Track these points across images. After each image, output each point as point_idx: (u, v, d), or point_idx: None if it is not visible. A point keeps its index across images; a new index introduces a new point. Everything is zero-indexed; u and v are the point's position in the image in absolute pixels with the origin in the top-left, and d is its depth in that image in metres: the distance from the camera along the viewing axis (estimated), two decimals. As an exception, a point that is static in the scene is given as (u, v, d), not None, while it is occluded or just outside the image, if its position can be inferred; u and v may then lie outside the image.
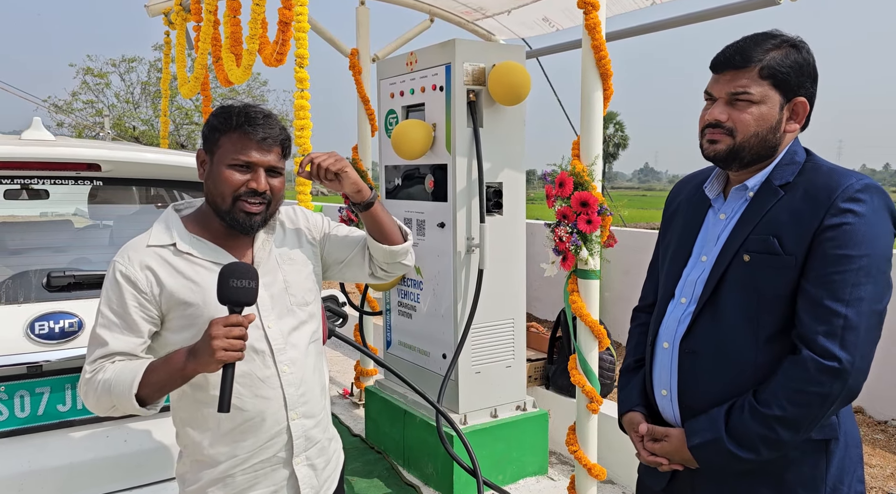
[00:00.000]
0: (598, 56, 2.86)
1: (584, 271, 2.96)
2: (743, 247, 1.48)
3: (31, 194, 2.54)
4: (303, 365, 1.70)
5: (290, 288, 1.70)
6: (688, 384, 1.54)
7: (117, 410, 1.53)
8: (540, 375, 4.20)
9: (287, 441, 1.66)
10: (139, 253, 1.59)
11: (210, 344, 1.40)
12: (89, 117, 30.45)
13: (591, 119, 2.93)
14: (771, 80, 1.46)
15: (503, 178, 3.50)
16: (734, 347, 1.48)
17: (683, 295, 1.59)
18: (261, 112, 1.60)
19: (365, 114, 4.62)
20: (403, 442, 3.78)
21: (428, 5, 4.80)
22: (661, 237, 1.79)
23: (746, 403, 1.44)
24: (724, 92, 1.49)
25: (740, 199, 1.55)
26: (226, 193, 1.58)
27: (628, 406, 1.70)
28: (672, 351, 1.58)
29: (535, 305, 7.02)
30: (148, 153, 2.44)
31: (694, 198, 1.68)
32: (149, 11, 4.34)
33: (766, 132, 1.48)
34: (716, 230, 1.57)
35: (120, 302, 1.55)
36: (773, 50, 1.46)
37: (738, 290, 1.48)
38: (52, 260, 2.34)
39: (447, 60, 3.36)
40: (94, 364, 1.54)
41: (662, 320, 1.63)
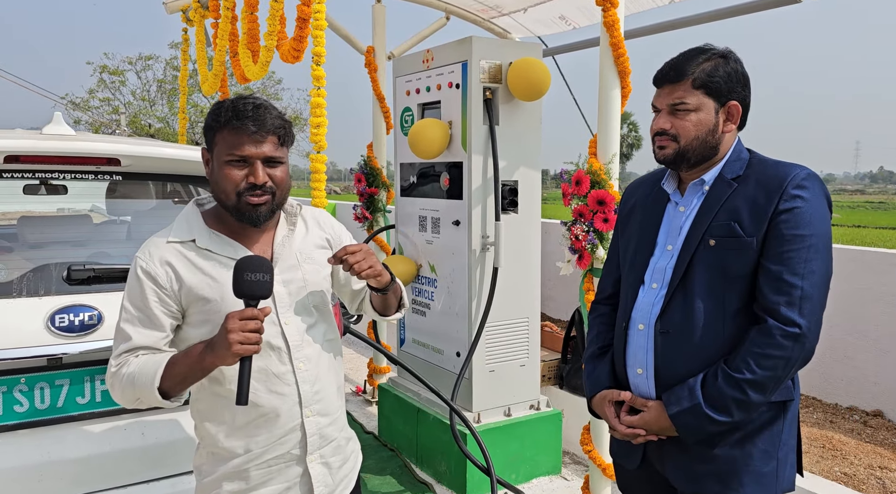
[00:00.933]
0: (617, 53, 2.85)
1: (601, 270, 2.95)
2: (707, 232, 1.65)
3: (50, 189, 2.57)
4: (318, 363, 1.70)
5: (309, 287, 1.70)
6: (664, 361, 1.69)
7: (142, 402, 1.55)
8: (554, 374, 4.19)
9: (301, 438, 1.67)
10: (160, 248, 1.60)
11: (226, 337, 1.41)
12: (106, 115, 30.73)
13: (608, 117, 2.91)
14: (704, 90, 1.65)
15: (519, 176, 3.49)
16: (704, 323, 1.64)
17: (654, 281, 1.74)
18: (251, 103, 1.58)
19: (380, 112, 4.63)
20: (416, 440, 3.78)
21: (444, 3, 4.80)
22: (617, 235, 1.95)
23: (720, 370, 1.60)
24: (665, 103, 1.69)
25: (697, 193, 1.72)
26: (228, 190, 1.58)
27: (599, 387, 1.83)
28: (647, 331, 1.72)
29: (549, 304, 6.99)
30: (166, 148, 2.46)
31: (650, 197, 1.84)
32: (167, 8, 4.36)
33: (706, 135, 1.67)
34: (677, 221, 1.74)
35: (141, 297, 1.56)
36: (703, 63, 1.66)
37: (705, 272, 1.64)
38: (71, 254, 2.36)
39: (464, 58, 3.36)
40: (118, 358, 1.56)
41: (634, 305, 1.76)
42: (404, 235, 3.96)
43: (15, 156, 2.12)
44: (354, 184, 4.73)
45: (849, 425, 4.65)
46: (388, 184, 4.60)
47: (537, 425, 3.60)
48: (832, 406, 5.00)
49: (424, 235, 3.78)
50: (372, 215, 4.69)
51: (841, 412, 4.88)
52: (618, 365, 1.81)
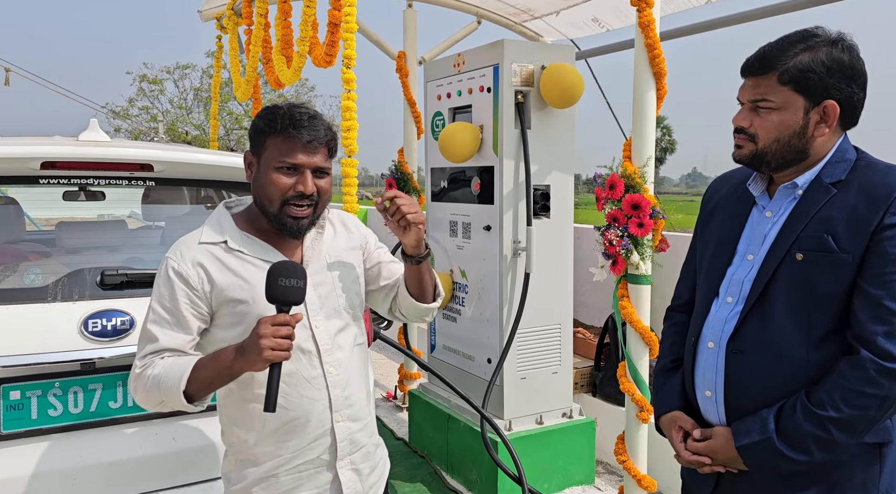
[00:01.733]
0: (652, 54, 2.79)
1: (635, 276, 2.88)
2: (794, 245, 1.45)
3: (89, 196, 2.61)
4: (348, 367, 1.68)
5: (339, 290, 1.69)
6: (735, 384, 1.51)
7: (166, 405, 1.53)
8: (587, 382, 4.11)
9: (331, 443, 1.65)
10: (191, 249, 1.60)
11: (258, 343, 1.39)
12: (145, 123, 31.45)
13: (643, 119, 2.85)
14: (792, 85, 1.44)
15: (551, 181, 3.44)
16: (785, 347, 1.45)
17: (729, 294, 1.56)
18: (306, 112, 1.58)
19: (411, 117, 4.62)
20: (447, 447, 3.74)
21: (475, 7, 4.78)
22: (697, 235, 1.76)
23: (798, 403, 1.41)
24: (746, 98, 1.51)
25: (788, 197, 1.52)
26: (273, 197, 1.58)
27: (667, 407, 1.67)
28: (718, 350, 1.54)
29: (581, 311, 6.88)
30: (199, 154, 2.47)
31: (735, 196, 1.64)
32: (202, 16, 4.42)
33: (790, 137, 1.47)
34: (762, 228, 1.54)
35: (171, 298, 1.56)
36: (800, 53, 1.43)
37: (789, 289, 1.45)
38: (106, 259, 2.39)
39: (495, 61, 3.33)
40: (143, 359, 1.55)
41: (706, 319, 1.59)
42: (435, 240, 3.94)
43: (51, 162, 2.15)
44: (385, 189, 4.72)
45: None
46: (419, 189, 4.59)
47: (570, 433, 3.54)
48: None
49: (455, 240, 3.75)
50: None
51: None
52: (687, 385, 1.64)
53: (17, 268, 2.31)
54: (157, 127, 29.20)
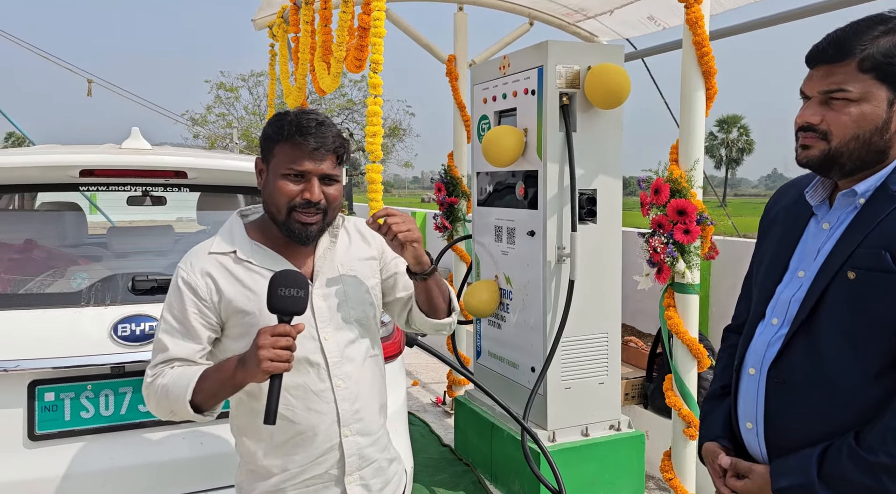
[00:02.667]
0: (701, 52, 2.66)
1: (682, 285, 2.75)
2: (848, 262, 1.27)
3: (154, 201, 2.69)
4: (358, 381, 1.64)
5: (350, 301, 1.65)
6: (776, 417, 1.36)
7: (176, 415, 1.54)
8: (638, 393, 3.96)
9: (339, 458, 1.61)
10: (201, 260, 1.59)
11: (256, 353, 1.37)
12: (221, 129, 32.72)
13: (691, 120, 2.72)
14: (874, 74, 1.24)
15: (597, 185, 3.32)
16: (833, 379, 1.28)
17: (775, 315, 1.40)
18: (314, 119, 1.56)
19: (461, 121, 4.58)
20: (491, 456, 3.68)
21: (527, 8, 4.70)
22: (756, 248, 1.60)
23: (846, 446, 1.24)
24: (816, 90, 1.30)
25: (848, 207, 1.34)
26: (280, 204, 1.56)
27: (710, 436, 1.53)
28: (759, 378, 1.39)
29: (637, 318, 6.67)
30: (234, 160, 2.50)
31: (795, 206, 1.47)
32: (255, 25, 4.52)
33: (870, 134, 1.27)
34: (817, 242, 1.37)
35: (181, 308, 1.56)
36: (880, 37, 1.24)
37: (840, 313, 1.27)
38: (144, 264, 2.45)
39: (540, 63, 3.24)
40: (154, 368, 1.56)
41: (750, 343, 1.44)
42: (481, 245, 3.88)
43: (90, 169, 2.22)
44: (435, 193, 4.70)
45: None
46: (468, 194, 4.54)
47: (617, 447, 3.40)
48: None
49: (500, 246, 3.68)
50: (452, 225, 4.64)
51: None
52: (732, 414, 1.49)
53: (65, 273, 2.39)
54: (232, 133, 30.31)
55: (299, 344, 1.49)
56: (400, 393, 2.43)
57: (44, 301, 2.08)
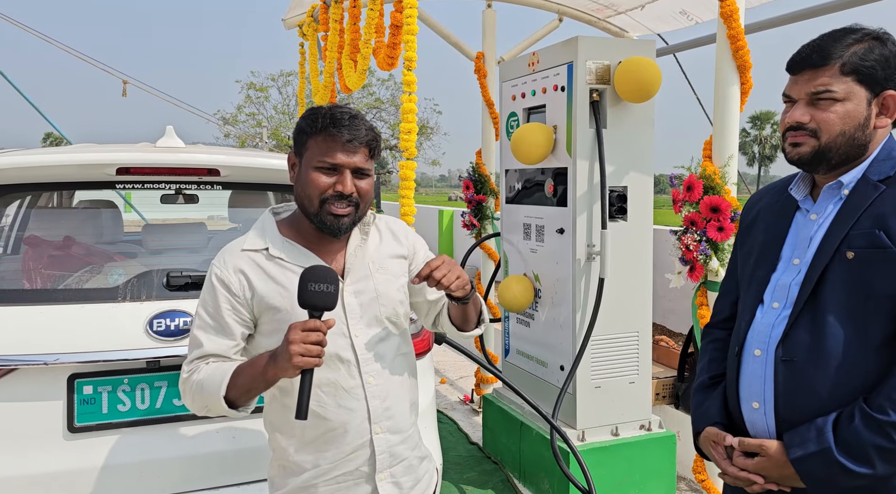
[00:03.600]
0: (735, 46, 2.62)
1: (715, 283, 2.70)
2: (844, 243, 1.39)
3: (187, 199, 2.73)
4: (389, 378, 1.65)
5: (381, 298, 1.65)
6: (786, 394, 1.43)
7: (211, 411, 1.55)
8: (669, 393, 3.91)
9: (370, 455, 1.62)
10: (234, 256, 1.61)
11: (287, 348, 1.38)
12: (251, 128, 33.14)
13: (725, 116, 2.68)
14: (854, 76, 1.40)
15: (628, 182, 3.29)
16: (840, 352, 1.38)
17: (775, 299, 1.49)
18: (347, 113, 1.57)
19: (489, 119, 4.57)
20: (520, 455, 3.66)
21: (556, 4, 4.67)
22: (737, 249, 1.71)
23: (857, 410, 1.33)
24: (803, 92, 1.44)
25: (834, 198, 1.47)
26: (313, 196, 1.56)
27: (706, 422, 1.59)
28: (766, 358, 1.47)
29: (669, 317, 6.60)
30: (267, 158, 2.53)
31: (777, 204, 1.59)
32: (285, 24, 4.56)
33: (854, 130, 1.41)
34: (807, 231, 1.48)
35: (214, 304, 1.57)
36: (854, 44, 1.40)
37: (841, 291, 1.39)
38: (178, 260, 2.49)
39: (569, 59, 3.21)
40: (190, 364, 1.58)
41: (751, 327, 1.51)
42: (510, 243, 3.87)
43: (126, 167, 2.26)
44: (463, 191, 4.70)
45: None
46: (495, 191, 4.53)
47: (648, 447, 3.36)
48: None
49: (528, 243, 3.66)
50: (480, 222, 4.63)
51: None
52: (730, 398, 1.56)
53: (102, 269, 2.44)
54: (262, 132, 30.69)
55: (330, 340, 1.50)
56: (429, 390, 2.43)
57: (82, 296, 2.12)
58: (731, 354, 1.57)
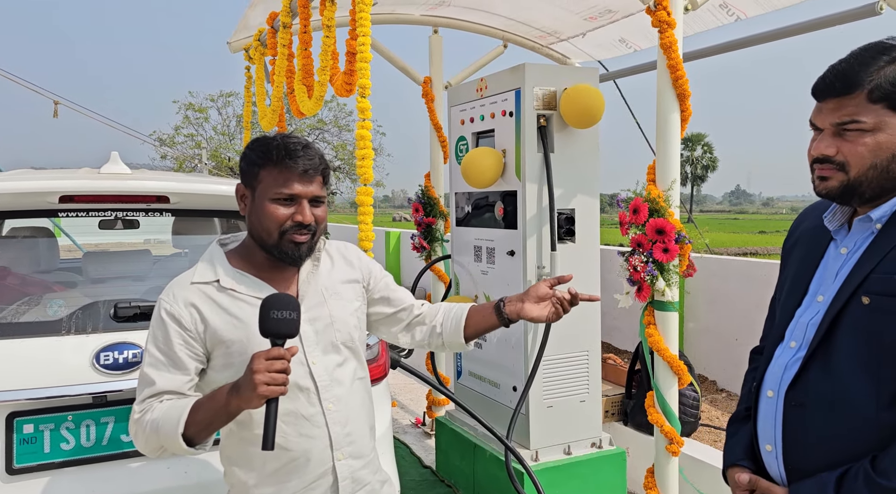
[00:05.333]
0: (675, 76, 2.72)
1: (662, 303, 2.79)
2: (862, 286, 1.28)
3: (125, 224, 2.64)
4: (348, 403, 1.64)
5: (336, 324, 1.65)
6: (794, 440, 1.36)
7: (166, 451, 1.50)
8: (617, 410, 3.99)
9: (333, 482, 1.61)
10: (184, 290, 1.58)
11: (252, 378, 1.36)
12: (189, 149, 32.38)
13: (667, 141, 2.78)
14: (885, 103, 1.26)
15: (575, 204, 3.37)
16: (850, 402, 1.28)
17: (793, 338, 1.41)
18: (299, 143, 1.57)
19: (437, 142, 4.61)
20: (474, 477, 3.66)
21: (501, 31, 4.77)
22: (781, 271, 1.60)
23: (862, 470, 1.25)
24: (828, 122, 1.32)
25: (865, 232, 1.35)
26: (272, 228, 1.56)
27: (731, 459, 1.53)
28: (777, 400, 1.40)
29: (614, 335, 6.75)
30: (216, 185, 2.49)
31: (816, 229, 1.48)
32: (231, 48, 4.51)
33: (888, 162, 1.28)
34: (835, 266, 1.38)
35: (166, 340, 1.53)
36: (885, 67, 1.26)
37: (854, 337, 1.28)
38: (125, 290, 2.41)
39: (517, 85, 3.29)
40: (142, 404, 1.53)
41: (769, 366, 1.45)
42: (460, 265, 3.90)
43: (70, 195, 2.19)
44: (412, 213, 4.71)
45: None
46: (445, 214, 4.56)
47: (599, 464, 3.42)
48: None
49: (479, 265, 3.70)
50: (430, 245, 4.65)
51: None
52: (753, 435, 1.49)
53: (41, 300, 2.34)
54: (202, 153, 30.03)
55: None
56: (386, 415, 2.42)
57: (22, 330, 2.03)
58: (752, 390, 1.50)
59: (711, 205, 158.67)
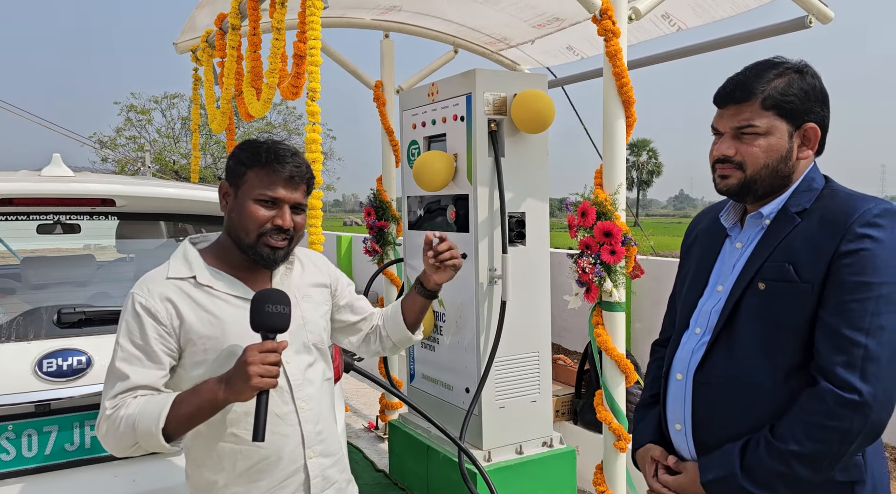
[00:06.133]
0: (620, 83, 2.81)
1: (609, 303, 2.86)
2: (758, 275, 1.44)
3: (65, 229, 2.56)
4: (319, 402, 1.68)
5: (308, 325, 1.69)
6: (702, 417, 1.50)
7: (139, 448, 1.48)
8: (567, 410, 4.07)
9: (304, 480, 1.63)
10: (159, 285, 1.57)
11: (246, 370, 1.38)
12: (132, 152, 31.45)
13: (613, 147, 2.86)
14: (775, 110, 1.44)
15: (526, 208, 3.43)
16: (750, 379, 1.43)
17: (698, 325, 1.56)
18: (288, 149, 1.62)
19: (389, 146, 4.63)
20: (427, 479, 3.68)
21: (451, 37, 4.82)
22: (679, 269, 1.76)
23: (762, 438, 1.39)
24: (728, 126, 1.48)
25: (756, 227, 1.52)
26: (250, 228, 1.58)
27: (642, 441, 1.67)
28: (686, 382, 1.53)
29: (564, 336, 6.87)
30: (164, 188, 2.44)
31: (712, 229, 1.65)
32: (177, 49, 4.43)
33: (777, 162, 1.46)
34: (732, 259, 1.55)
35: (141, 333, 1.52)
36: (774, 79, 1.45)
37: (753, 320, 1.44)
38: (67, 295, 2.34)
39: (468, 90, 3.34)
40: (114, 399, 1.50)
41: (676, 351, 1.59)
42: (413, 268, 3.91)
43: (8, 198, 2.12)
44: (364, 217, 4.71)
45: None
46: (397, 217, 4.57)
47: (550, 463, 3.48)
48: None
49: (432, 269, 3.72)
50: (382, 248, 4.65)
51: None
52: (662, 418, 1.62)
53: (-22, 307, 2.25)
54: (144, 156, 29.21)
55: None
56: (340, 418, 2.42)
57: (-41, 338, 1.95)
58: (662, 376, 1.63)
59: (657, 209, 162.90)
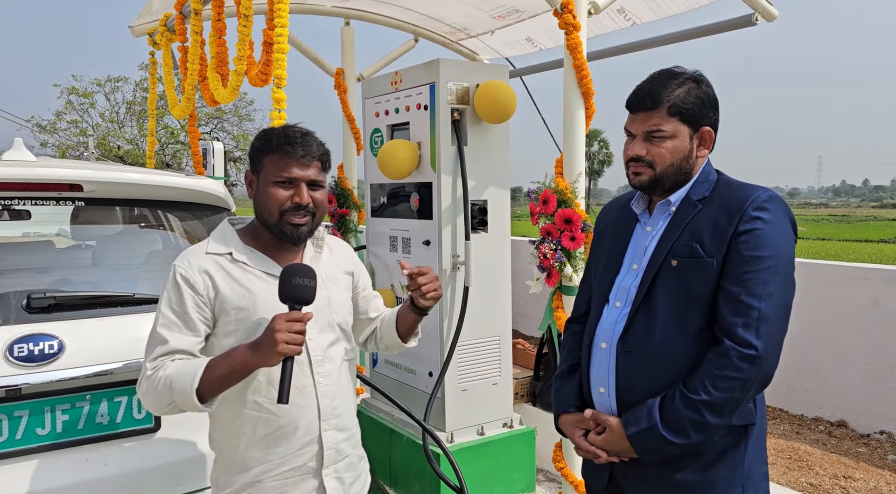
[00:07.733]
0: (580, 75, 2.90)
1: (569, 287, 2.98)
2: (670, 253, 1.67)
3: (13, 215, 2.52)
4: (338, 379, 1.77)
5: (333, 306, 1.79)
6: (625, 380, 1.69)
7: (175, 407, 1.58)
8: (527, 392, 4.20)
9: (318, 451, 1.73)
10: (198, 258, 1.69)
11: (273, 336, 1.48)
12: (73, 137, 30.33)
13: (573, 137, 2.96)
14: (679, 117, 1.67)
15: (488, 196, 3.52)
16: (666, 344, 1.65)
17: (618, 299, 1.76)
18: (299, 131, 1.72)
19: (350, 133, 4.64)
20: (390, 462, 3.75)
21: (412, 25, 4.85)
22: (591, 254, 1.99)
23: (677, 391, 1.60)
24: (640, 130, 1.71)
25: (664, 213, 1.75)
26: (273, 208, 1.69)
27: (566, 406, 1.84)
28: (610, 350, 1.73)
29: (521, 322, 7.02)
30: (131, 173, 2.43)
31: (621, 217, 1.87)
32: (133, 32, 4.34)
33: (681, 161, 1.70)
34: (644, 241, 1.76)
35: (180, 302, 1.63)
36: (676, 88, 1.68)
37: (667, 292, 1.66)
38: (32, 281, 2.32)
39: (431, 80, 3.39)
40: (154, 361, 1.61)
41: (598, 323, 1.78)
42: (375, 255, 3.96)
43: (-27, 183, 2.08)
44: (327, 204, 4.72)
45: (814, 436, 4.73)
46: (359, 205, 4.60)
47: (510, 443, 3.60)
48: (798, 417, 5.09)
49: (395, 255, 3.78)
50: (343, 236, 4.68)
51: (806, 423, 4.97)
52: (584, 384, 1.82)
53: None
54: (87, 141, 28.23)
55: None
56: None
57: (-76, 323, 1.92)
58: (584, 346, 1.83)
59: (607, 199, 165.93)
